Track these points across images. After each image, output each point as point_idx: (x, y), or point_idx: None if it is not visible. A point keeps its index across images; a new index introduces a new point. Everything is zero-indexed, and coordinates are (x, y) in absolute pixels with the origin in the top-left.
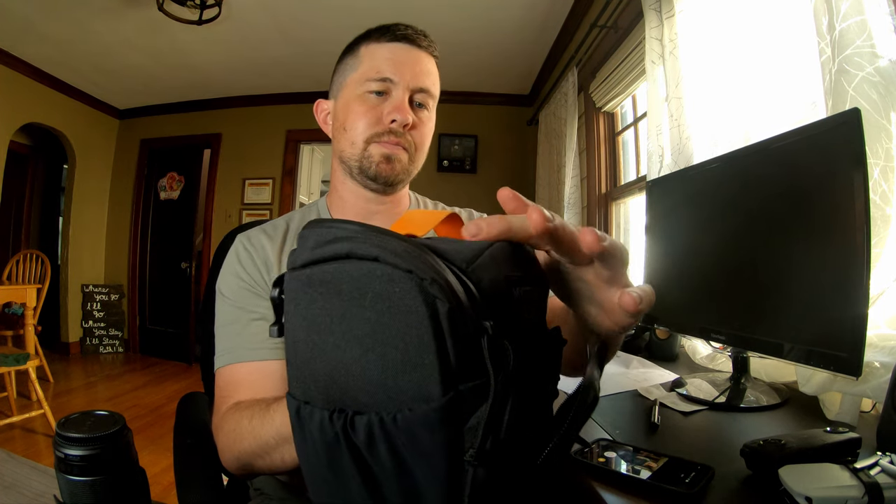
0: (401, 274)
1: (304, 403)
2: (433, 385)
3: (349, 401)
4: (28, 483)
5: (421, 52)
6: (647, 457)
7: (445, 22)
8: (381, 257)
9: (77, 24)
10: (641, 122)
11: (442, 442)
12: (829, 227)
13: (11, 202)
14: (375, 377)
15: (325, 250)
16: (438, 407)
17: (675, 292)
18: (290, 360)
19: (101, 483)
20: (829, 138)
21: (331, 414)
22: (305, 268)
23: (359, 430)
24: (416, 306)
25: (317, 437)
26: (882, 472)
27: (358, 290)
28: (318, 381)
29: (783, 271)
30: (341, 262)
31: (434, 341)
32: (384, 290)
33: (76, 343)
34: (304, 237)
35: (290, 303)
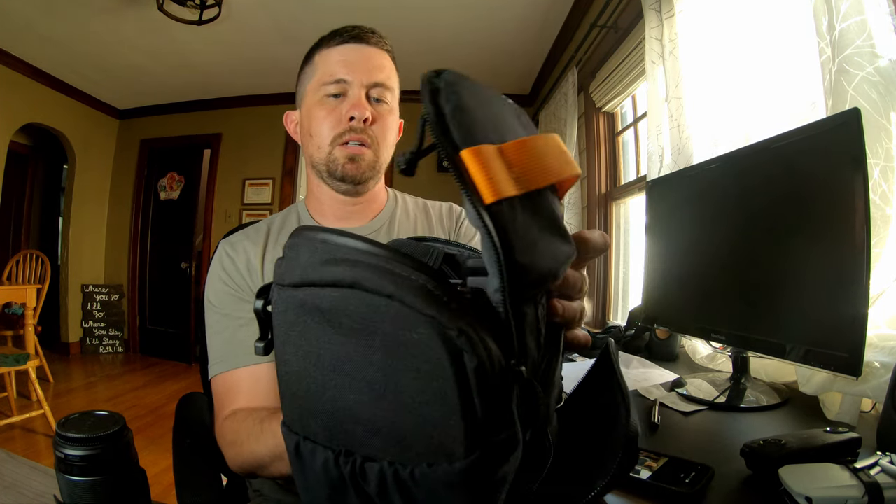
0: (421, 319)
1: (304, 439)
2: (457, 445)
3: (357, 444)
4: (28, 483)
5: (371, 49)
6: (647, 457)
7: (445, 22)
8: (396, 296)
9: (77, 24)
10: (641, 122)
11: (464, 500)
12: (830, 227)
13: (11, 202)
14: (386, 425)
15: (323, 273)
16: (461, 469)
17: (675, 292)
18: (284, 390)
19: (101, 483)
20: (829, 138)
21: (336, 456)
22: (298, 288)
23: (370, 479)
24: (439, 360)
25: (320, 476)
26: (882, 472)
27: (364, 328)
28: (319, 417)
29: (783, 271)
30: (343, 290)
31: (459, 401)
32: (399, 335)
33: (76, 343)
34: (294, 247)
35: (282, 325)
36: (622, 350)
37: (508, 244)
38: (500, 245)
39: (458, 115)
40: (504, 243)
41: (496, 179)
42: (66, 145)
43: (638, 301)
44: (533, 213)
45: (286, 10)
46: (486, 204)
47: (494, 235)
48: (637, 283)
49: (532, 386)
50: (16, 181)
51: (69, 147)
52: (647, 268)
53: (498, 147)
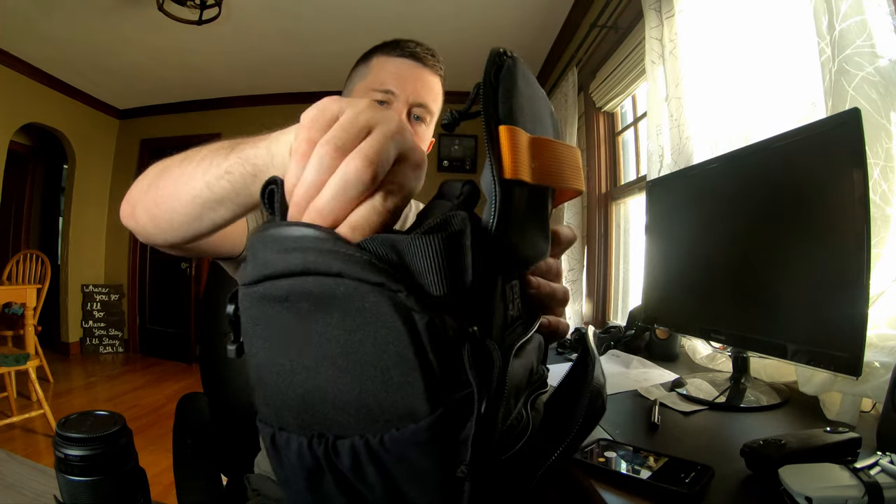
0: (368, 288)
1: (279, 430)
2: (419, 402)
3: (328, 424)
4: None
5: (425, 70)
6: (647, 457)
7: (445, 21)
8: (344, 272)
9: (77, 24)
10: (641, 122)
11: (434, 459)
12: (829, 227)
13: (11, 202)
14: (353, 398)
15: (276, 265)
16: (427, 425)
17: (676, 292)
18: (257, 384)
19: (101, 483)
20: (829, 138)
21: (309, 440)
22: (257, 284)
23: (343, 455)
24: (391, 322)
25: (295, 465)
26: (882, 472)
27: (321, 307)
28: (290, 405)
29: (783, 271)
30: (297, 278)
31: (416, 358)
32: (352, 306)
33: (76, 343)
34: (252, 248)
35: (247, 322)
36: (622, 350)
37: (507, 216)
38: (498, 212)
39: (508, 95)
40: (503, 214)
41: (518, 161)
42: (66, 145)
43: (638, 301)
44: (533, 205)
45: (286, 10)
46: (503, 177)
47: (498, 202)
48: (637, 283)
49: (485, 347)
50: (16, 181)
51: (69, 147)
52: (647, 268)
53: (530, 137)
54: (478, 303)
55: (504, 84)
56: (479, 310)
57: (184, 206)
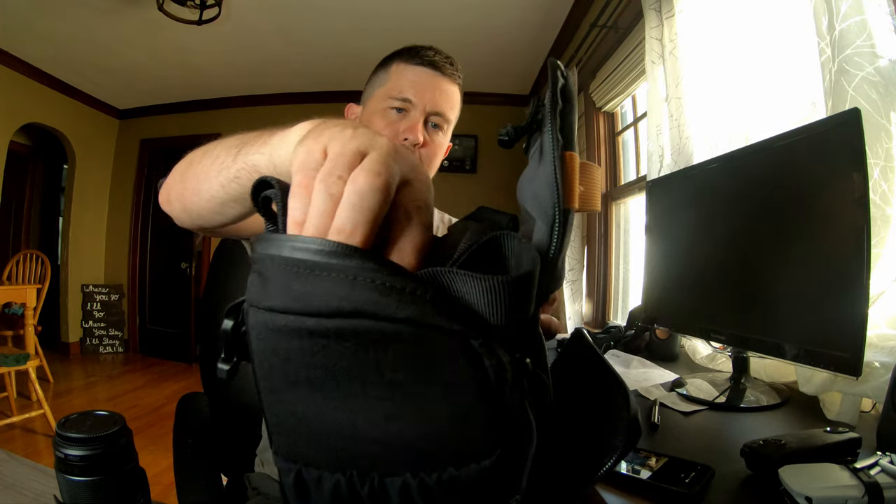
0: (439, 334)
1: (306, 466)
2: (482, 444)
3: (368, 462)
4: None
5: (444, 79)
6: (647, 457)
7: (445, 21)
8: (413, 318)
9: (77, 24)
10: (641, 122)
11: (489, 493)
12: (830, 227)
13: (11, 202)
14: (408, 438)
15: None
16: (490, 465)
17: (676, 292)
18: (273, 419)
19: (101, 483)
20: (829, 138)
21: (349, 479)
22: (285, 314)
23: (391, 494)
24: (462, 367)
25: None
26: (882, 472)
27: (373, 347)
28: (321, 442)
29: (783, 271)
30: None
31: (482, 402)
32: (417, 351)
33: (76, 343)
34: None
35: (265, 352)
36: (622, 350)
37: (560, 247)
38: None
39: (571, 116)
40: (558, 246)
41: (575, 189)
42: (66, 145)
43: (638, 301)
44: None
45: (286, 10)
46: (567, 207)
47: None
48: (637, 283)
49: (538, 376)
50: (16, 181)
51: (69, 147)
52: (647, 268)
53: (581, 162)
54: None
55: (567, 103)
56: (529, 339)
57: (205, 202)
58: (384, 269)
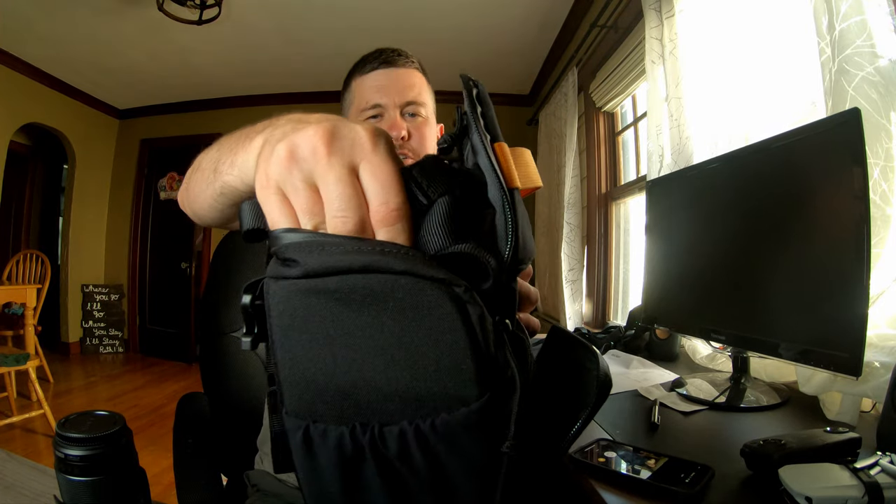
0: (429, 283)
1: (314, 423)
2: (470, 387)
3: (371, 413)
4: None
5: (400, 70)
6: (647, 457)
7: (445, 21)
8: (409, 270)
9: (77, 24)
10: (641, 122)
11: (482, 438)
12: (829, 227)
13: (11, 202)
14: (403, 387)
15: (327, 262)
16: (479, 408)
17: (676, 292)
18: (285, 376)
19: (101, 483)
20: (829, 138)
21: (351, 430)
22: (302, 279)
23: (389, 442)
24: (449, 314)
25: (332, 455)
26: (882, 472)
27: (376, 300)
28: (326, 396)
29: (783, 271)
30: (353, 275)
31: (470, 347)
32: (411, 300)
33: (76, 343)
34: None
35: (283, 314)
36: (622, 350)
37: (516, 222)
38: (512, 221)
39: (490, 115)
40: (514, 221)
41: (512, 171)
42: (66, 145)
43: (638, 301)
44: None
45: (286, 10)
46: (509, 187)
47: (509, 212)
48: (637, 283)
49: (517, 334)
50: (16, 181)
51: (69, 147)
52: (647, 268)
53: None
54: (508, 300)
55: (486, 108)
56: (507, 302)
57: (208, 210)
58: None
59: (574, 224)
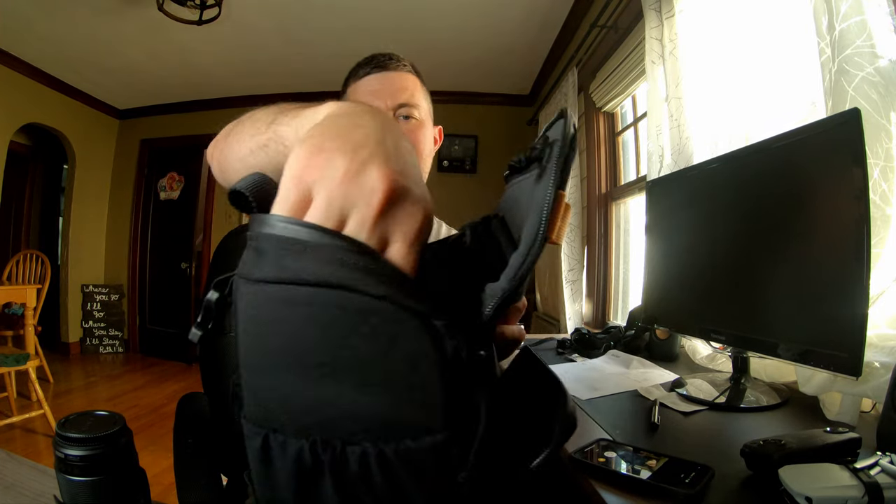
0: (409, 315)
1: (273, 432)
2: (438, 418)
3: (331, 430)
4: (28, 483)
5: (393, 74)
6: (647, 457)
7: (445, 22)
8: (390, 296)
9: (77, 24)
10: (641, 122)
11: (443, 468)
12: (829, 227)
13: (11, 202)
14: (368, 410)
15: (302, 271)
16: (444, 439)
17: (676, 292)
18: (249, 384)
19: (101, 483)
20: (829, 138)
21: (312, 445)
22: (275, 284)
23: (351, 462)
24: (427, 347)
25: (289, 468)
26: (882, 472)
27: (349, 321)
28: (292, 409)
29: (783, 271)
30: (329, 290)
31: (441, 380)
32: (386, 328)
33: (76, 343)
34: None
35: (250, 320)
36: (622, 350)
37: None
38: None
39: (572, 159)
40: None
41: (556, 223)
42: (66, 145)
43: (638, 301)
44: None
45: (286, 10)
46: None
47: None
48: (637, 283)
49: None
50: (16, 181)
51: (69, 147)
52: (647, 268)
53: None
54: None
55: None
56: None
57: (237, 161)
58: (367, 255)
59: (574, 224)
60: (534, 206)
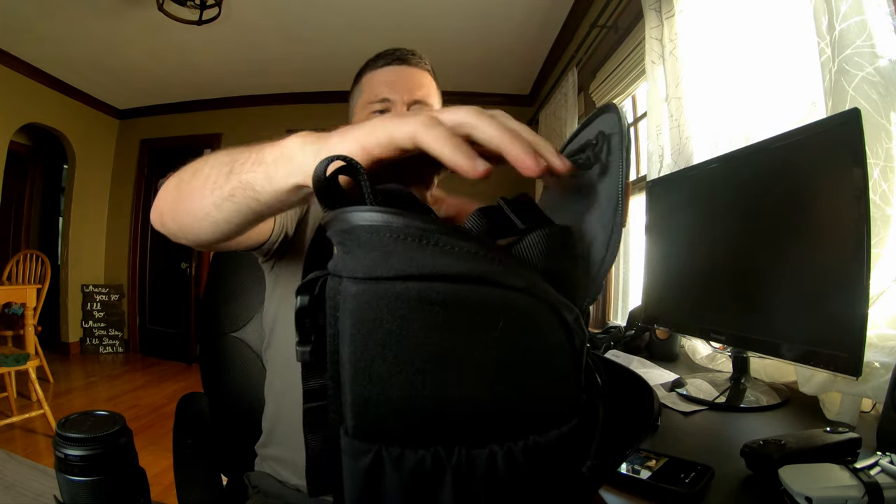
0: (545, 307)
1: (386, 448)
2: (565, 409)
3: (453, 435)
4: (28, 483)
5: (412, 69)
6: (647, 457)
7: (445, 22)
8: (529, 289)
9: (77, 24)
10: (641, 122)
11: (567, 460)
12: (829, 227)
13: (11, 202)
14: (497, 407)
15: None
16: (569, 430)
17: (676, 292)
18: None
19: (101, 483)
20: (829, 138)
21: (434, 454)
22: (394, 280)
23: (478, 465)
24: (561, 339)
25: (404, 482)
26: (882, 472)
27: (486, 316)
28: (405, 417)
29: (783, 271)
30: (463, 284)
31: (574, 371)
32: (525, 321)
33: (76, 343)
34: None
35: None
36: (622, 350)
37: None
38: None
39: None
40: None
41: (628, 212)
42: (66, 145)
43: (638, 301)
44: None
45: (286, 9)
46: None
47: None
48: (637, 283)
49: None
50: (16, 181)
51: (69, 147)
52: (647, 268)
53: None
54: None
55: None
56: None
57: (200, 220)
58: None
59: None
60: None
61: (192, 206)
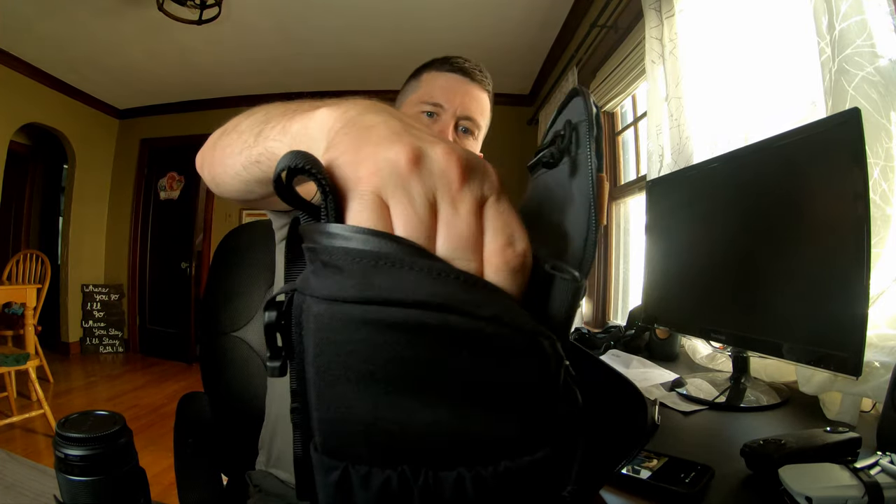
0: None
1: (353, 465)
2: (539, 437)
3: (421, 456)
4: (28, 483)
5: (473, 85)
6: (647, 457)
7: (445, 20)
8: (500, 316)
9: (77, 24)
10: (641, 121)
11: (542, 487)
12: (829, 227)
13: (11, 202)
14: (464, 431)
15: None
16: (542, 457)
17: (676, 292)
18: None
19: (101, 483)
20: (829, 138)
21: (401, 475)
22: (357, 304)
23: (445, 487)
24: (535, 368)
25: (375, 500)
26: (882, 472)
27: (452, 343)
28: (376, 438)
29: (783, 271)
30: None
31: (549, 400)
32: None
33: (76, 343)
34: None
35: (325, 343)
36: (622, 350)
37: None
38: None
39: (601, 139)
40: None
41: (604, 208)
42: (66, 145)
43: (638, 301)
44: None
45: (286, 9)
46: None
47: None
48: (637, 283)
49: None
50: (16, 181)
51: (69, 147)
52: (647, 268)
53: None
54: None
55: (599, 128)
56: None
57: (230, 178)
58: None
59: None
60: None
61: (225, 160)
